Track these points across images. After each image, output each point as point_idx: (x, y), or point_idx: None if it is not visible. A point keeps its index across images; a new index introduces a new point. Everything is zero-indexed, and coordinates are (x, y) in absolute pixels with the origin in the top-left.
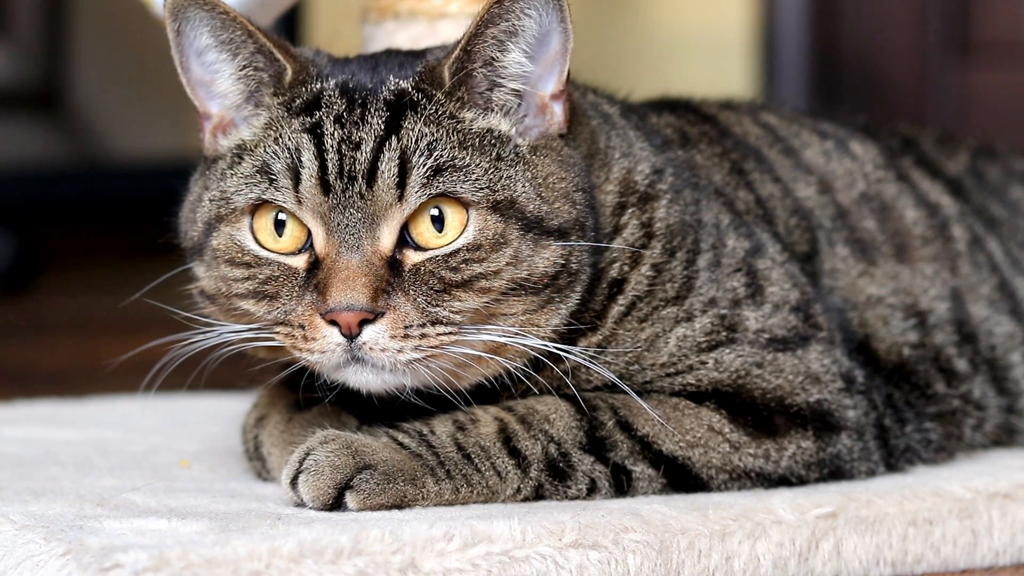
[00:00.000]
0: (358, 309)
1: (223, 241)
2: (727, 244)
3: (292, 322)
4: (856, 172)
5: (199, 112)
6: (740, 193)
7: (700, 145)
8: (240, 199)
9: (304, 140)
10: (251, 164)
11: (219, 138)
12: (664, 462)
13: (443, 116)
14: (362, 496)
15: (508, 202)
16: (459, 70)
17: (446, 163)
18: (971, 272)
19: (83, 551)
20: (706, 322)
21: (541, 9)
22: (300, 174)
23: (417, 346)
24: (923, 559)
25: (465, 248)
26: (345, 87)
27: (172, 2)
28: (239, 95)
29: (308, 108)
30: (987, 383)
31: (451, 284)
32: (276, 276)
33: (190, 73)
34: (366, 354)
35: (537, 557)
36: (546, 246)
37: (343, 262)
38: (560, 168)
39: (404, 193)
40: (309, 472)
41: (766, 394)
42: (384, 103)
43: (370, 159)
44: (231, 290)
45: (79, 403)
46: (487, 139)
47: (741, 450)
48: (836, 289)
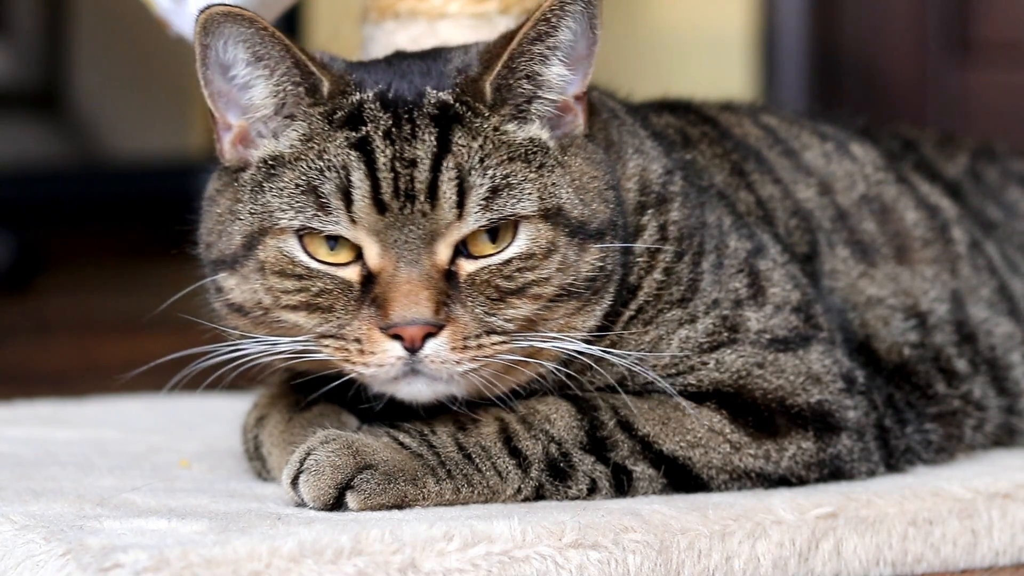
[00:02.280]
0: (422, 323)
1: (271, 253)
2: (729, 245)
3: (346, 335)
4: (856, 174)
5: (217, 122)
6: (741, 194)
7: (701, 146)
8: (285, 220)
9: (352, 158)
10: (294, 181)
11: (240, 148)
12: (665, 462)
13: (488, 130)
14: (363, 496)
15: (556, 209)
16: (503, 86)
17: (501, 182)
18: (971, 275)
19: (83, 551)
20: (708, 323)
21: (579, 17)
22: (352, 195)
23: (474, 356)
24: (923, 559)
25: (518, 257)
26: (384, 98)
27: (207, 17)
28: (270, 108)
29: (351, 121)
30: (987, 383)
31: (506, 292)
32: (330, 289)
33: (212, 85)
34: (426, 367)
35: (537, 557)
36: (588, 249)
37: (403, 276)
38: (591, 167)
39: (463, 212)
40: (310, 472)
41: (767, 394)
42: (430, 117)
43: (429, 177)
44: (279, 302)
45: (79, 403)
46: (531, 149)
47: (742, 450)
48: (836, 290)
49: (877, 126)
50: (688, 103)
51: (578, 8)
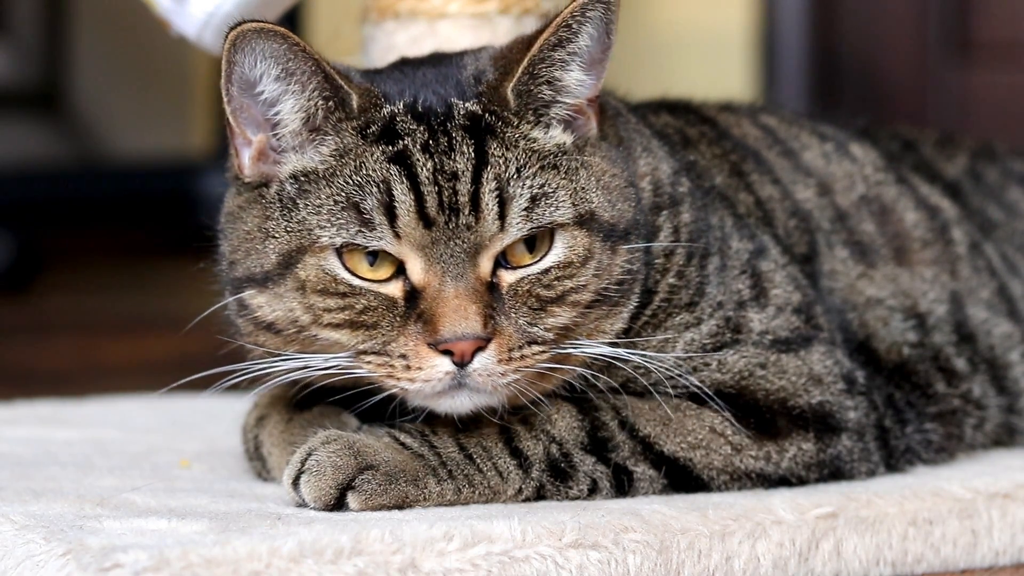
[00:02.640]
0: (473, 337)
1: (312, 272)
2: (732, 247)
3: (391, 352)
4: (856, 174)
5: (235, 136)
6: (741, 195)
7: (700, 146)
8: (326, 237)
9: (393, 173)
10: (332, 197)
11: (261, 164)
12: (666, 463)
13: (519, 139)
14: (364, 496)
15: (589, 214)
16: (524, 92)
17: (538, 191)
18: (971, 276)
19: (83, 551)
20: (712, 324)
21: (598, 23)
22: (395, 210)
23: (517, 367)
24: (923, 559)
25: (557, 266)
26: (415, 110)
27: (238, 33)
28: (298, 122)
29: (385, 135)
30: (987, 383)
31: (546, 301)
32: (374, 306)
33: (235, 100)
34: (473, 380)
35: (537, 557)
36: (619, 251)
37: (450, 291)
38: (610, 165)
39: (505, 223)
40: (311, 472)
41: (769, 395)
42: (463, 129)
43: (471, 191)
44: (320, 320)
45: (79, 403)
46: (558, 155)
47: (743, 452)
48: (835, 290)
49: (877, 127)
50: (687, 103)
51: (598, 13)
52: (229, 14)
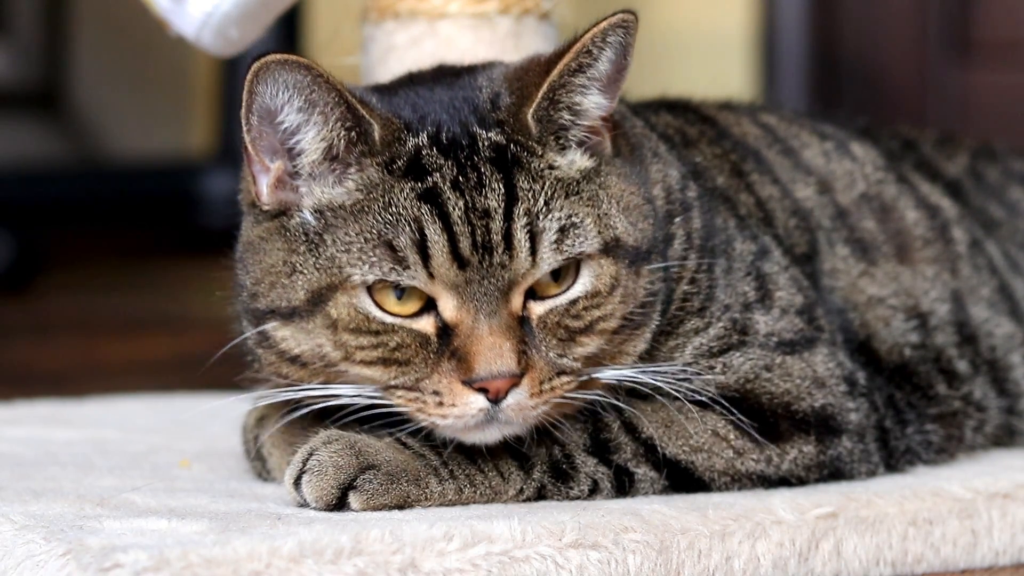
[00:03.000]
0: (508, 375)
1: (344, 311)
2: (736, 248)
3: (424, 388)
4: (856, 173)
5: (252, 163)
6: (742, 196)
7: (701, 145)
8: (358, 275)
9: (425, 212)
10: (362, 235)
11: (279, 192)
12: (667, 465)
13: (544, 169)
14: (365, 496)
15: (614, 241)
16: (543, 118)
17: (566, 222)
18: (971, 274)
19: (83, 551)
20: (719, 327)
21: (618, 47)
22: (429, 250)
23: (547, 400)
24: (923, 559)
25: (585, 295)
26: (439, 143)
27: (262, 65)
28: (319, 153)
29: (413, 170)
30: (988, 384)
31: (575, 332)
32: (407, 343)
33: (255, 129)
34: (506, 415)
35: (537, 557)
36: (642, 274)
37: (484, 328)
38: (627, 183)
39: (536, 258)
40: (312, 472)
41: (774, 399)
42: (489, 162)
43: (504, 228)
44: (353, 357)
45: (79, 403)
46: (581, 181)
47: (744, 455)
48: (836, 289)
49: (877, 126)
50: (686, 102)
51: (619, 38)
52: (227, 14)
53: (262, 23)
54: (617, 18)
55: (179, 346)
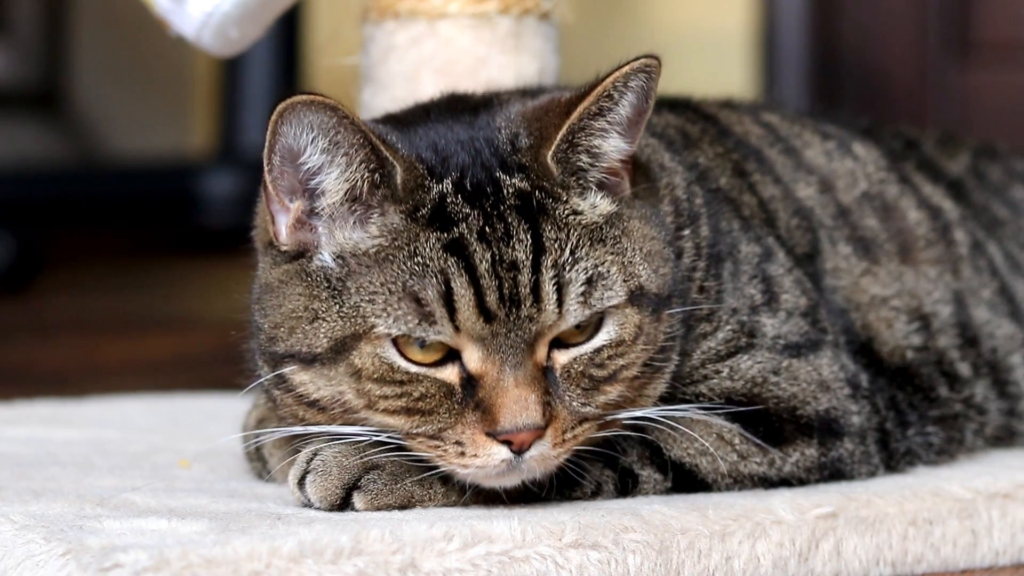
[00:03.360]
0: (533, 428)
1: (369, 361)
2: (741, 251)
3: (446, 438)
4: (858, 172)
5: (272, 203)
6: (745, 197)
7: (703, 145)
8: (383, 327)
9: (451, 264)
10: (387, 285)
11: (299, 232)
12: (672, 468)
13: (568, 215)
14: (370, 496)
15: (639, 290)
16: (563, 159)
17: (593, 272)
18: (973, 276)
19: (83, 551)
20: (727, 330)
21: (639, 91)
22: (455, 303)
23: (569, 448)
24: (923, 559)
25: (609, 344)
26: (464, 190)
27: (287, 106)
28: (341, 194)
29: (439, 220)
30: (989, 387)
31: (599, 380)
32: (432, 393)
33: (275, 170)
34: (529, 465)
35: (537, 557)
36: (662, 318)
37: (509, 380)
38: (647, 226)
39: (564, 310)
40: (317, 472)
41: (780, 403)
42: (515, 210)
43: (532, 281)
44: (376, 406)
45: (79, 403)
46: (604, 226)
47: (748, 459)
48: (839, 289)
49: (879, 126)
50: (687, 100)
51: (640, 82)
52: (227, 14)
53: (262, 23)
54: (640, 63)
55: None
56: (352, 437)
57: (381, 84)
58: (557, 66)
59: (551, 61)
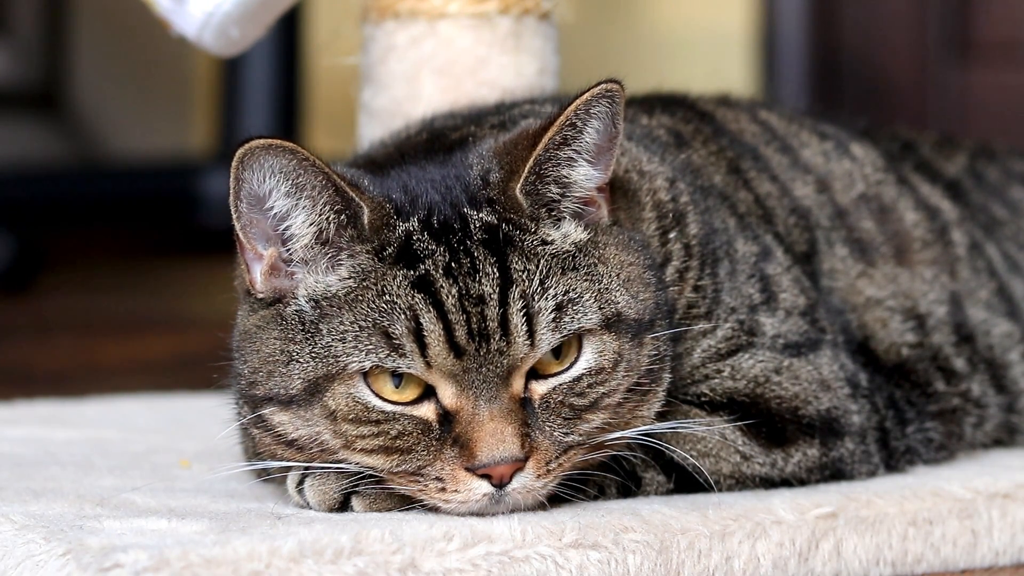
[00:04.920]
0: (511, 460)
1: (342, 401)
2: (738, 250)
3: (426, 474)
4: (855, 173)
5: (245, 252)
6: (740, 194)
7: (695, 144)
8: (355, 363)
9: (419, 301)
10: (357, 323)
11: (273, 279)
12: (675, 470)
13: (536, 245)
14: (368, 500)
15: (616, 316)
16: (533, 192)
17: (563, 299)
18: (970, 277)
19: (83, 551)
20: (727, 328)
21: (604, 117)
22: (425, 339)
23: (555, 477)
24: (923, 559)
25: (588, 372)
26: (431, 227)
27: (247, 150)
28: (309, 237)
29: (405, 258)
30: (986, 382)
31: (580, 409)
32: (409, 431)
33: (244, 216)
34: (511, 497)
35: (537, 557)
36: (645, 343)
37: (484, 414)
38: (628, 253)
39: (535, 340)
40: (315, 476)
41: (782, 403)
42: (482, 244)
43: (500, 314)
44: (353, 446)
45: (79, 403)
46: (574, 254)
47: (751, 460)
48: (835, 290)
49: (877, 128)
50: (683, 97)
51: (603, 108)
52: (228, 14)
53: (263, 23)
54: (601, 89)
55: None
56: (334, 472)
57: (381, 84)
58: (557, 66)
59: (551, 61)
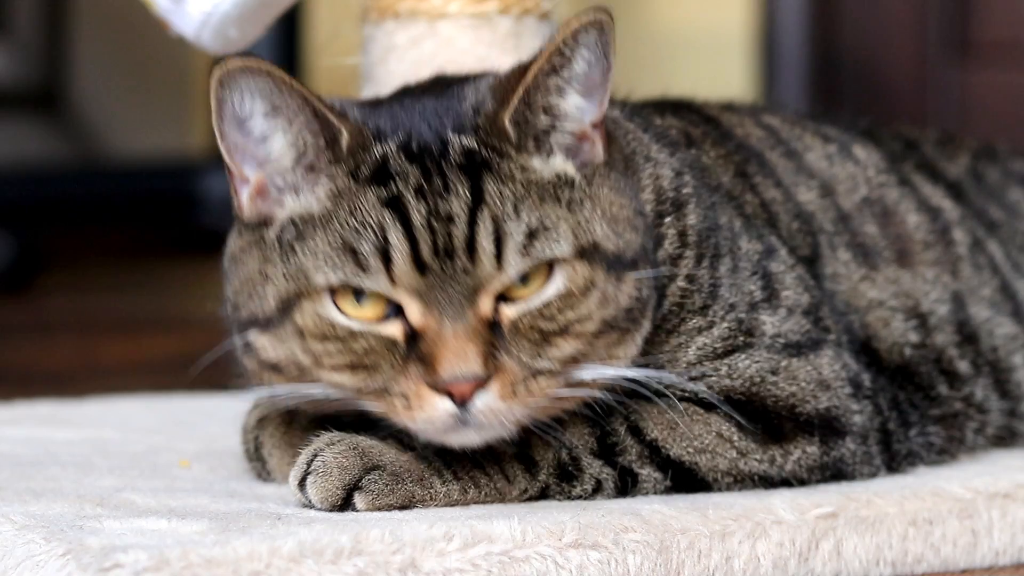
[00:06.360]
0: (472, 378)
1: (309, 319)
2: (742, 247)
3: (393, 392)
4: (858, 176)
5: (233, 176)
6: (747, 196)
7: (704, 146)
8: (322, 279)
9: (387, 217)
10: (327, 241)
11: (259, 203)
12: (671, 466)
13: (516, 171)
14: (371, 497)
15: (592, 246)
16: (521, 120)
17: (536, 226)
18: (972, 275)
19: (83, 551)
20: (724, 328)
21: (593, 47)
22: (391, 256)
23: (524, 402)
24: (923, 559)
25: (558, 297)
26: (409, 149)
27: (223, 72)
28: (289, 160)
29: (379, 177)
30: (989, 386)
31: (548, 333)
32: (374, 348)
33: (228, 138)
34: (476, 418)
35: (537, 557)
36: (625, 280)
37: (448, 332)
38: (617, 194)
39: (503, 263)
40: (317, 473)
41: (779, 402)
42: (458, 167)
43: (467, 233)
44: (322, 364)
45: (79, 403)
46: (558, 185)
47: (748, 456)
48: (837, 293)
49: (879, 127)
50: (689, 103)
51: (592, 38)
52: (227, 14)
53: (262, 23)
54: (588, 19)
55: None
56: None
57: (381, 84)
58: None
59: None
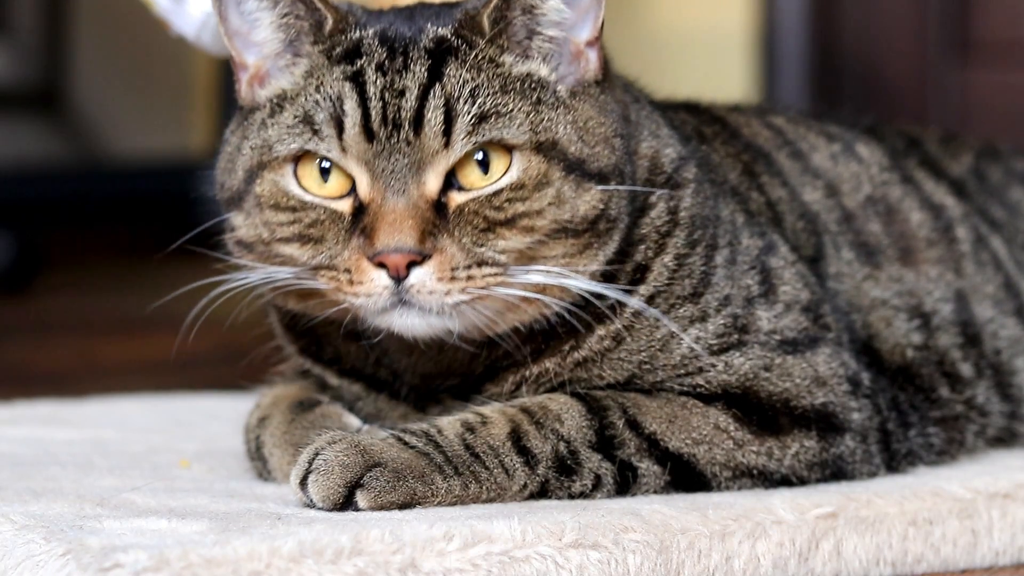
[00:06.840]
0: (406, 251)
1: (267, 187)
2: (742, 242)
3: (338, 266)
4: (862, 175)
5: (236, 63)
6: (753, 194)
7: (715, 144)
8: (282, 148)
9: (346, 88)
10: (292, 113)
11: (256, 88)
12: (670, 459)
13: (483, 61)
14: (373, 494)
15: (550, 143)
16: (499, 18)
17: (490, 110)
18: (975, 272)
19: (83, 551)
20: (719, 323)
21: None
22: (343, 123)
23: (464, 288)
24: (923, 559)
25: (509, 187)
26: (384, 36)
27: None
28: (278, 43)
29: (348, 56)
30: (991, 389)
31: (495, 223)
32: (321, 220)
33: (228, 23)
34: (413, 297)
35: (537, 557)
36: (587, 189)
37: (389, 206)
38: (599, 113)
39: (450, 140)
40: (319, 472)
41: (772, 396)
42: (425, 51)
43: (415, 106)
44: (275, 235)
45: (79, 403)
46: (527, 83)
47: (745, 447)
48: (841, 292)
49: (882, 124)
50: (696, 104)
51: None
52: None
53: None
54: None
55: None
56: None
57: None
58: None
59: None
